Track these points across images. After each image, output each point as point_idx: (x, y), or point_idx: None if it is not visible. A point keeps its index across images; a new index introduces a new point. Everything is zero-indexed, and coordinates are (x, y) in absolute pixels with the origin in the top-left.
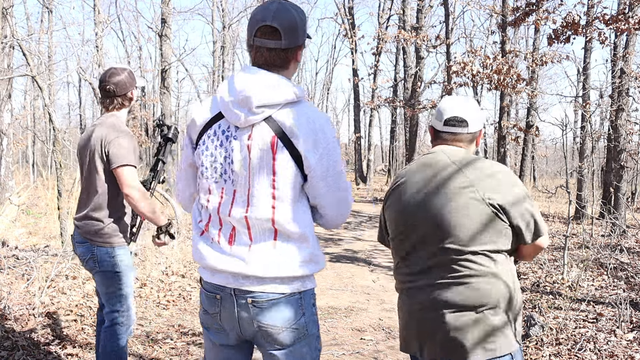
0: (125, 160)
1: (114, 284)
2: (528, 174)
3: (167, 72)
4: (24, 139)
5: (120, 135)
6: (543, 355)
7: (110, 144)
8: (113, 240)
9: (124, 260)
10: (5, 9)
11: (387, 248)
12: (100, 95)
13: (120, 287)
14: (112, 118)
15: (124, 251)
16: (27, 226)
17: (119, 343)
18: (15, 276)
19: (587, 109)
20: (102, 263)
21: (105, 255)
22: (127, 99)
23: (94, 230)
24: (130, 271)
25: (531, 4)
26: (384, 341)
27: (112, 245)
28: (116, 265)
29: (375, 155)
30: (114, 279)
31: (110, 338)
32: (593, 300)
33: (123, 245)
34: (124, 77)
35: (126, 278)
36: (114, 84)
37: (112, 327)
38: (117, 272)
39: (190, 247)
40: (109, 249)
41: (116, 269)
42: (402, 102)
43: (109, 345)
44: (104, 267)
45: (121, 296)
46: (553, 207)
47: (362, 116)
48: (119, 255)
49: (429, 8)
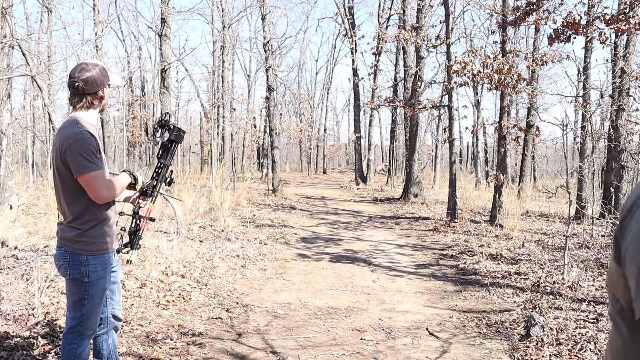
0: (85, 168)
1: (80, 292)
2: (528, 174)
3: (167, 72)
4: (23, 139)
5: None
6: (543, 356)
7: (65, 152)
8: (89, 248)
9: (96, 271)
10: (5, 8)
11: (387, 248)
12: (69, 92)
13: (86, 297)
14: (71, 120)
15: (98, 261)
16: (27, 226)
17: (74, 353)
18: (15, 276)
19: (587, 108)
20: (73, 270)
21: (77, 262)
22: (98, 98)
23: (70, 236)
24: (101, 284)
25: (531, 3)
26: (384, 341)
27: (86, 252)
28: (86, 275)
29: (375, 155)
30: (81, 288)
31: (64, 347)
32: (593, 301)
33: (98, 254)
34: (94, 73)
35: (94, 290)
36: (82, 81)
37: (68, 334)
38: (85, 282)
39: (190, 247)
40: (81, 256)
41: (85, 278)
42: (402, 102)
43: (63, 354)
44: (74, 275)
45: (83, 307)
46: (553, 207)
47: (362, 116)
48: (92, 264)
49: (429, 8)
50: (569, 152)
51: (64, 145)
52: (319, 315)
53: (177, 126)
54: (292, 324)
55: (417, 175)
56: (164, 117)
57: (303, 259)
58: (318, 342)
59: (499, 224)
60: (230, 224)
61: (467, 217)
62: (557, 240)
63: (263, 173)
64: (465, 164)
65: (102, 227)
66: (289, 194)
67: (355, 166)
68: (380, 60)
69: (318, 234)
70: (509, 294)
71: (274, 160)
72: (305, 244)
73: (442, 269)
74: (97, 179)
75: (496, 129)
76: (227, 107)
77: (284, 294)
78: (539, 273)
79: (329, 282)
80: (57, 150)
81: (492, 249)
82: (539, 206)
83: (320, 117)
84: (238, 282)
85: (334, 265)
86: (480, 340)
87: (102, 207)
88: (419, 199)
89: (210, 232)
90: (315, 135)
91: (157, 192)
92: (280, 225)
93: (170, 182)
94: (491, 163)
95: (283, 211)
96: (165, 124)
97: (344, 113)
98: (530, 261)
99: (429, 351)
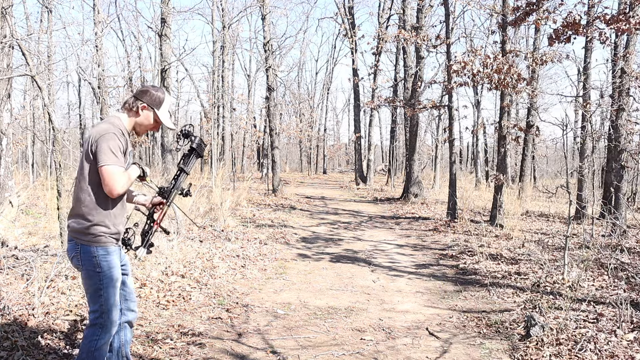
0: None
1: (95, 283)
2: (528, 174)
3: (167, 72)
4: (23, 139)
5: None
6: (543, 356)
7: (97, 141)
8: (98, 240)
9: (107, 261)
10: (5, 8)
11: (387, 248)
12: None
13: (101, 287)
14: (109, 118)
15: (107, 252)
16: (27, 226)
17: (94, 345)
18: (15, 276)
19: (587, 108)
20: (85, 261)
21: (88, 254)
22: (136, 107)
23: (80, 228)
24: (114, 274)
25: (531, 3)
26: (384, 341)
27: (96, 244)
28: (98, 265)
29: (375, 155)
30: (95, 278)
31: (85, 338)
32: (593, 301)
33: (107, 246)
34: (152, 91)
35: (107, 280)
36: (143, 86)
37: (90, 327)
38: (98, 272)
39: (190, 247)
40: (92, 247)
41: (97, 269)
42: (402, 102)
43: (84, 346)
44: (86, 266)
45: (100, 297)
46: (553, 207)
47: (362, 116)
48: (102, 255)
49: (429, 8)
50: (569, 152)
51: (98, 134)
52: (319, 315)
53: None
54: (292, 324)
55: (417, 175)
56: (187, 127)
57: (303, 259)
58: (318, 342)
59: (499, 224)
60: (230, 224)
61: (467, 217)
62: (557, 240)
63: (263, 173)
64: (465, 164)
65: (111, 222)
66: (289, 194)
67: (355, 166)
68: (380, 60)
69: (318, 234)
70: (509, 294)
71: (274, 160)
72: (305, 244)
73: (442, 269)
74: (115, 173)
75: (496, 129)
76: (227, 107)
77: (284, 294)
78: (539, 273)
79: (329, 282)
80: (89, 139)
81: (492, 249)
82: (539, 206)
83: (320, 117)
84: (238, 282)
85: (334, 265)
86: (480, 340)
87: (114, 202)
88: (419, 199)
89: (210, 232)
90: (315, 135)
91: (172, 197)
92: (280, 225)
93: (187, 194)
94: (491, 163)
95: (283, 211)
96: (189, 134)
97: (344, 113)
98: (530, 261)
99: (429, 351)
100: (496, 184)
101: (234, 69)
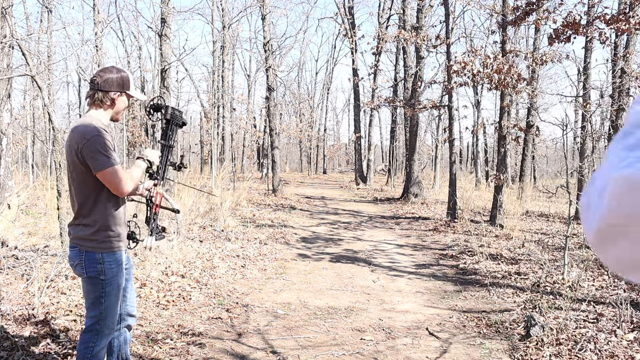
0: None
1: (97, 290)
2: (528, 174)
3: (167, 72)
4: (23, 139)
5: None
6: (543, 356)
7: (83, 150)
8: (103, 246)
9: (111, 268)
10: (5, 8)
11: (387, 248)
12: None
13: (103, 295)
14: (84, 118)
15: (112, 258)
16: (27, 226)
17: (90, 352)
18: (15, 276)
19: (587, 108)
20: (89, 268)
21: (92, 260)
22: (109, 99)
23: (83, 235)
24: (117, 281)
25: (531, 3)
26: (384, 341)
27: (101, 250)
28: (102, 272)
29: (375, 155)
30: (98, 286)
31: (81, 344)
32: (593, 301)
33: (114, 251)
34: (114, 76)
35: (110, 287)
36: (100, 76)
37: (86, 333)
38: (101, 279)
39: (190, 247)
40: (96, 254)
41: (101, 276)
42: (402, 102)
43: (79, 352)
44: (90, 273)
45: (101, 304)
46: (553, 207)
47: (362, 116)
48: (107, 262)
49: (429, 8)
50: (569, 152)
51: (80, 142)
52: (319, 315)
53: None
54: (292, 324)
55: (417, 175)
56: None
57: (303, 259)
58: (318, 342)
59: (499, 224)
60: (230, 224)
61: (467, 217)
62: (557, 240)
63: (263, 173)
64: (465, 164)
65: (115, 225)
66: (289, 194)
67: (355, 166)
68: (380, 60)
69: (318, 233)
70: (509, 294)
71: (274, 160)
72: (305, 244)
73: (442, 269)
74: (117, 172)
75: (496, 129)
76: (227, 107)
77: (284, 294)
78: (539, 273)
79: (329, 282)
80: (72, 149)
81: (492, 249)
82: (539, 206)
83: (320, 117)
84: (238, 282)
85: (334, 265)
86: (480, 340)
87: (115, 205)
88: (419, 199)
89: (210, 232)
90: (315, 135)
91: (164, 174)
92: (280, 225)
93: (181, 167)
94: (491, 163)
95: (283, 211)
96: (159, 107)
97: (344, 113)
98: (530, 261)
99: (429, 351)
100: (496, 183)
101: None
